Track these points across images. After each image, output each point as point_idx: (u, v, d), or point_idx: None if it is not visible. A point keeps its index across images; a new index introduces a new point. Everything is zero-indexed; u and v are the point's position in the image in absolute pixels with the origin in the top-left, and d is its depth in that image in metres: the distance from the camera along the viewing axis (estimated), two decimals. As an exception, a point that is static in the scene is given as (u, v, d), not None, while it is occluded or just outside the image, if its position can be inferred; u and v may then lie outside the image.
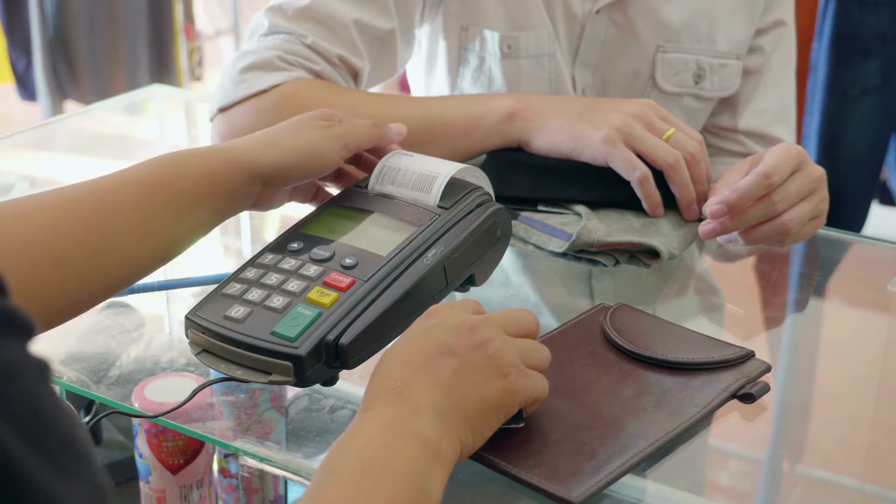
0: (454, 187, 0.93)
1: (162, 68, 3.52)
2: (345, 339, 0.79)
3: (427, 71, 1.32)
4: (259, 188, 0.87)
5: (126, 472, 1.21)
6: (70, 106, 3.47)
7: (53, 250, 0.76)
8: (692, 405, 0.82)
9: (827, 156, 2.36)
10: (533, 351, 0.75)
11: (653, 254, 1.05)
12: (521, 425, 0.75)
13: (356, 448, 0.66)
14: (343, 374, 0.82)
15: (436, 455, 0.67)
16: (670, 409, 0.81)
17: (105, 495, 0.49)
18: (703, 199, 1.09)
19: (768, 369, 0.87)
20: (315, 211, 0.93)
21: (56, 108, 3.43)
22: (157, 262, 0.84)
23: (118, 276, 0.81)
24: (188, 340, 0.84)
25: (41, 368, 0.48)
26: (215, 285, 0.86)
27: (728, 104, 1.34)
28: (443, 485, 0.67)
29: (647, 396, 0.83)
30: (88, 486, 0.48)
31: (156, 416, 0.85)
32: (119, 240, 0.79)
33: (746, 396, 0.84)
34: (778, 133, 1.34)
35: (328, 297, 0.81)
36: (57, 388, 0.54)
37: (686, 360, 0.86)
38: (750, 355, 0.88)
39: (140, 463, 1.06)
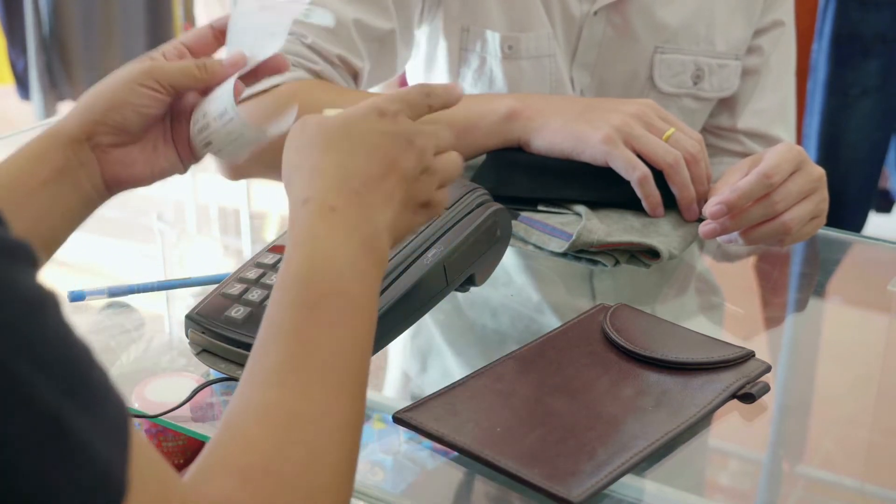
0: (454, 187, 0.93)
1: (162, 68, 3.52)
2: (345, 339, 0.79)
3: (426, 71, 1.32)
4: (89, 153, 0.81)
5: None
6: (66, 107, 3.47)
7: None
8: (692, 405, 0.82)
9: (827, 156, 2.36)
10: (451, 166, 0.76)
11: (653, 254, 1.05)
12: None
13: (330, 258, 0.65)
14: (343, 374, 0.82)
15: (383, 269, 0.69)
16: (670, 409, 0.81)
17: (126, 418, 0.49)
18: (703, 199, 1.09)
19: (768, 369, 0.87)
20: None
21: (50, 108, 3.43)
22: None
23: None
24: (188, 340, 0.84)
25: (57, 298, 0.48)
26: (215, 285, 0.86)
27: (727, 104, 1.34)
28: None
29: (647, 396, 0.82)
30: (112, 413, 0.48)
31: (156, 416, 0.85)
32: None
33: (746, 396, 0.84)
34: (777, 133, 1.34)
35: (328, 297, 0.81)
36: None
37: (686, 360, 0.86)
38: (750, 355, 0.88)
39: (140, 463, 1.06)
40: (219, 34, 0.86)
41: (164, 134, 0.85)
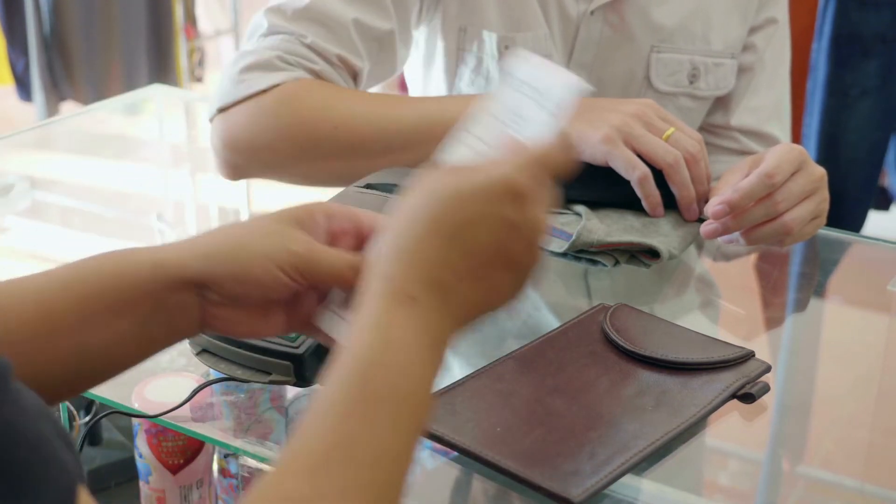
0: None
1: (162, 68, 3.52)
2: (345, 339, 0.79)
3: (425, 70, 1.32)
4: (193, 298, 0.69)
5: (126, 472, 1.21)
6: (67, 107, 3.47)
7: None
8: (692, 405, 0.82)
9: (827, 156, 2.36)
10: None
11: (653, 254, 1.05)
12: None
13: (399, 354, 0.60)
14: (343, 374, 0.82)
15: (441, 369, 0.63)
16: (670, 409, 0.81)
17: (72, 494, 0.48)
18: (702, 198, 1.09)
19: (768, 369, 0.87)
20: (315, 211, 0.93)
21: (52, 108, 3.43)
22: (72, 378, 0.69)
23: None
24: (188, 340, 0.84)
25: (4, 369, 0.47)
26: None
27: (721, 102, 1.34)
28: None
29: (647, 396, 0.82)
30: (53, 495, 0.47)
31: (156, 416, 0.85)
32: (24, 347, 0.65)
33: (746, 396, 0.84)
34: (772, 131, 1.34)
35: (328, 297, 0.81)
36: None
37: (686, 360, 0.86)
38: (750, 355, 0.88)
39: (140, 463, 1.06)
40: (363, 238, 0.73)
41: (277, 303, 0.72)
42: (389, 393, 0.59)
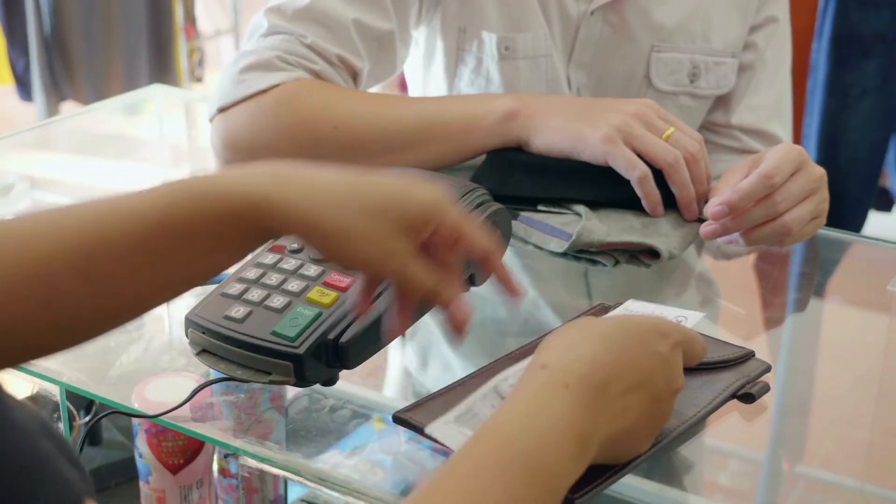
0: (454, 187, 0.93)
1: (162, 68, 3.52)
2: (345, 339, 0.79)
3: (425, 69, 1.32)
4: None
5: (126, 472, 1.21)
6: (68, 107, 3.47)
7: (43, 292, 0.64)
8: (692, 405, 0.81)
9: (827, 156, 2.36)
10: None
11: (653, 254, 1.05)
12: None
13: (542, 436, 0.62)
14: (343, 373, 0.82)
15: (577, 474, 0.66)
16: (670, 408, 0.81)
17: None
18: (702, 198, 1.09)
19: (768, 369, 0.87)
20: (315, 211, 0.93)
21: (52, 108, 3.43)
22: (159, 302, 0.71)
23: (115, 318, 0.70)
24: (188, 340, 0.84)
25: None
26: (215, 285, 0.86)
27: (722, 101, 1.34)
28: None
29: (647, 396, 0.82)
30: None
31: (156, 416, 0.85)
32: (117, 284, 0.67)
33: (746, 396, 0.84)
34: (773, 129, 1.34)
35: (328, 296, 0.81)
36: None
37: (686, 359, 0.86)
38: (750, 355, 0.88)
39: (140, 463, 1.06)
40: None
41: None
42: (526, 461, 0.60)
